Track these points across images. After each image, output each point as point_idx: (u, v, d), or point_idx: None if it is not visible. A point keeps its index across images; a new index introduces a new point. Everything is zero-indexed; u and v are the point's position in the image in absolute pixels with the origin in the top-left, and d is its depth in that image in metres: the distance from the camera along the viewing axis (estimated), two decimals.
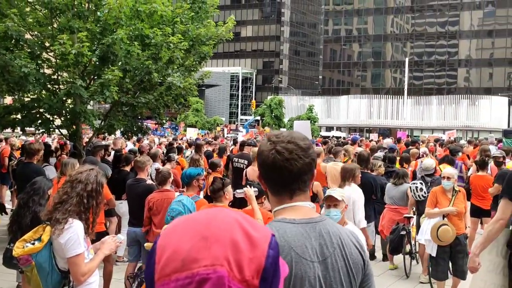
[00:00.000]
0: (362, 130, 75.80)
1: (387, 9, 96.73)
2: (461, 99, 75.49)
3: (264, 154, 2.13)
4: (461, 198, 8.22)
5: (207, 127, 65.33)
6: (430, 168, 10.24)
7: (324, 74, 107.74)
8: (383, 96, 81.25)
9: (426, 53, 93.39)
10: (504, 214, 4.82)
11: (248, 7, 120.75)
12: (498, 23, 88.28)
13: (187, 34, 13.25)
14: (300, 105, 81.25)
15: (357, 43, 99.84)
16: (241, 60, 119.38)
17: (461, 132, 65.74)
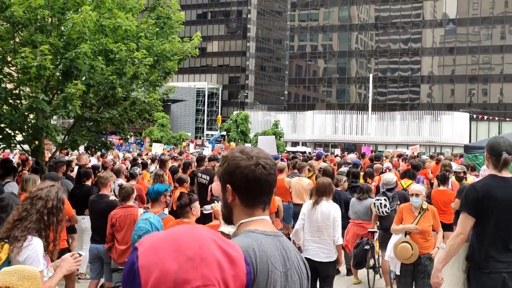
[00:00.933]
0: (327, 145, 76.39)
1: (352, 26, 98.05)
2: (424, 115, 76.69)
3: (248, 168, 2.21)
4: (428, 216, 7.96)
5: (173, 142, 65.00)
6: (391, 183, 10.35)
7: (289, 90, 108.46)
8: (348, 112, 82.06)
9: (390, 69, 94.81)
10: (464, 229, 4.88)
11: (214, 22, 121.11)
12: (459, 41, 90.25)
13: (152, 49, 13.22)
14: (266, 120, 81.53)
15: (322, 59, 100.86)
16: (207, 75, 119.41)
17: (424, 147, 66.75)
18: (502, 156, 4.83)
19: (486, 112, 78.05)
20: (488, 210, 4.78)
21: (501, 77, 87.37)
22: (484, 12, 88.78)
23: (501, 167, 4.88)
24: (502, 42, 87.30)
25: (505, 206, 4.76)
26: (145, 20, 14.05)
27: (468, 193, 4.95)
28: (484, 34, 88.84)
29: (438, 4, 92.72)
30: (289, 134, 77.40)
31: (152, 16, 14.55)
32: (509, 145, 4.90)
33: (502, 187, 4.81)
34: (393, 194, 10.03)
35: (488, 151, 4.97)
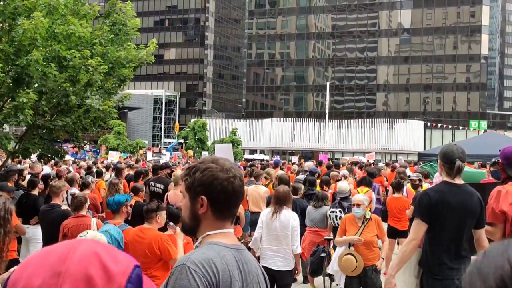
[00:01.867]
0: (285, 153, 76.68)
1: (309, 34, 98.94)
2: (380, 123, 77.77)
3: (227, 181, 2.23)
4: (372, 226, 7.76)
5: (130, 150, 64.30)
6: (345, 191, 10.40)
7: (247, 97, 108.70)
8: (305, 119, 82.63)
9: (347, 78, 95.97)
10: (417, 235, 4.91)
11: (171, 30, 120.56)
12: (414, 50, 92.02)
13: (107, 56, 13.01)
14: (224, 128, 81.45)
15: (280, 67, 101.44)
16: (164, 83, 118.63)
17: (380, 155, 67.64)
18: (456, 164, 4.89)
19: (440, 120, 79.70)
20: (440, 216, 4.83)
21: (454, 86, 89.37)
22: (437, 23, 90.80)
23: (454, 174, 4.94)
24: (455, 52, 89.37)
25: (457, 212, 4.82)
26: (100, 27, 13.83)
27: (421, 199, 5.00)
28: (438, 44, 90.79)
29: (393, 14, 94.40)
30: (247, 142, 77.47)
31: (107, 22, 14.33)
32: (462, 152, 4.96)
33: (454, 193, 4.87)
34: (348, 205, 10.06)
35: (441, 159, 5.02)
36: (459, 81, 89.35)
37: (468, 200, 4.88)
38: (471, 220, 4.89)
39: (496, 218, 5.19)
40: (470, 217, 4.87)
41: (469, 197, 4.90)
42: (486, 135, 19.11)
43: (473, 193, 4.95)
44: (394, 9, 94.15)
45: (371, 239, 7.72)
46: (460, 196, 4.86)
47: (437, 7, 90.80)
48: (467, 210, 4.85)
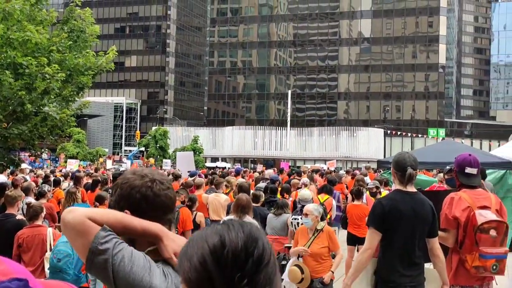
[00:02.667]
0: (246, 161, 76.78)
1: (271, 42, 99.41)
2: (341, 131, 78.50)
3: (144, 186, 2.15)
4: (323, 238, 7.53)
5: (89, 158, 63.45)
6: (308, 199, 10.42)
7: (209, 105, 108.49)
8: (267, 127, 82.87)
9: (308, 86, 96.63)
10: (371, 243, 4.93)
11: (132, 37, 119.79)
12: (374, 59, 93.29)
13: (65, 63, 12.82)
14: (185, 136, 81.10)
15: (242, 75, 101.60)
16: (125, 90, 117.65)
17: (341, 162, 68.20)
18: (407, 171, 4.94)
19: (400, 128, 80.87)
20: (393, 224, 4.86)
21: (413, 94, 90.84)
22: (396, 32, 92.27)
23: (406, 182, 4.99)
24: (414, 61, 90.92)
25: (410, 220, 4.86)
26: (57, 33, 13.65)
27: (374, 208, 5.04)
28: (397, 53, 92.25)
29: (353, 23, 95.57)
30: (209, 150, 77.30)
31: (65, 29, 14.13)
32: (414, 160, 5.02)
33: (407, 201, 4.91)
34: None
35: (394, 167, 5.07)
36: (418, 90, 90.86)
37: (420, 208, 4.93)
38: (424, 228, 4.94)
39: (449, 224, 5.28)
40: (422, 224, 4.92)
41: (421, 205, 4.95)
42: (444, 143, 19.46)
43: (425, 201, 5.01)
44: (354, 18, 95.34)
45: (320, 251, 7.49)
46: (412, 204, 4.91)
47: (396, 17, 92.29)
48: (419, 218, 4.90)
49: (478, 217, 5.18)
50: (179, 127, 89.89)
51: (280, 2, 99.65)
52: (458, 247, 5.34)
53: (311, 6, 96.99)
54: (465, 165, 5.47)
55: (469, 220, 5.21)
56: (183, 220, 9.18)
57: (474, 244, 5.17)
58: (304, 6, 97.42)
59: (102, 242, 1.89)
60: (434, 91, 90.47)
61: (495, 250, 5.12)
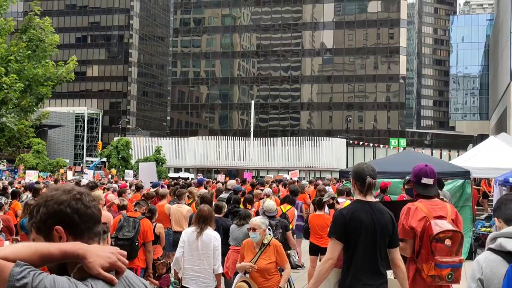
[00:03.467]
0: (210, 171, 76.54)
1: (234, 53, 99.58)
2: (304, 141, 78.89)
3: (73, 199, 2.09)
4: (270, 252, 7.26)
5: (49, 169, 62.43)
6: (273, 210, 10.44)
7: (172, 116, 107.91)
8: (230, 138, 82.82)
9: (271, 96, 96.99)
10: (333, 254, 4.95)
11: (94, 46, 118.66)
12: (336, 70, 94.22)
13: (23, 73, 12.61)
14: (148, 146, 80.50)
15: (205, 85, 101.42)
16: (87, 100, 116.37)
17: (304, 172, 68.54)
18: (367, 181, 4.99)
19: (362, 138, 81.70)
20: (355, 234, 4.89)
21: (374, 104, 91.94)
22: (358, 43, 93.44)
23: (365, 191, 5.05)
24: (375, 72, 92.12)
25: (371, 230, 4.90)
26: (16, 42, 13.41)
27: (336, 219, 5.06)
28: (359, 64, 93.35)
29: (316, 34, 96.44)
30: (172, 160, 76.82)
31: (24, 38, 13.89)
32: (372, 170, 5.08)
33: (367, 211, 4.95)
34: (276, 222, 10.11)
35: (353, 177, 5.12)
36: (379, 100, 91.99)
37: (380, 217, 4.97)
38: (384, 237, 4.98)
39: (406, 234, 5.36)
40: (383, 234, 4.96)
41: (381, 215, 4.99)
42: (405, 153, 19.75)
43: (384, 211, 5.06)
44: (317, 29, 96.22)
45: (267, 267, 7.22)
46: (373, 214, 4.95)
47: (358, 29, 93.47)
48: (380, 227, 4.93)
49: (434, 227, 5.26)
50: (141, 138, 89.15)
51: (243, 13, 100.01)
52: (415, 257, 5.41)
53: (274, 17, 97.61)
54: (421, 176, 5.56)
55: (425, 230, 5.30)
56: (144, 231, 9.11)
57: (430, 254, 5.25)
58: (267, 17, 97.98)
59: (18, 279, 1.82)
60: (395, 101, 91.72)
61: (450, 260, 5.21)
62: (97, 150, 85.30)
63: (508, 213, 3.25)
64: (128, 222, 8.99)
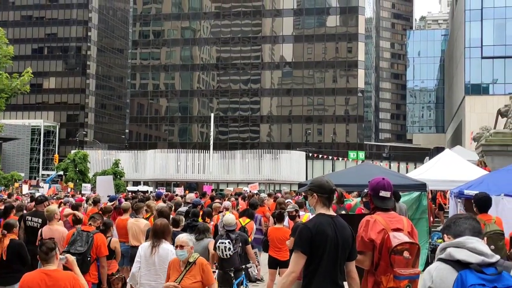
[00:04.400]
0: (169, 184, 75.93)
1: (194, 65, 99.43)
2: (264, 153, 79.04)
3: None
4: (196, 272, 6.90)
5: (3, 183, 61.05)
6: (232, 224, 10.38)
7: (131, 128, 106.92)
8: (190, 150, 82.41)
9: (231, 109, 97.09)
10: (296, 267, 4.93)
11: (51, 58, 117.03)
12: (295, 83, 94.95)
13: None
14: (106, 159, 79.47)
15: (165, 97, 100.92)
16: (43, 113, 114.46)
17: (264, 185, 68.65)
18: (333, 194, 5.05)
19: (321, 151, 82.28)
20: (319, 248, 4.90)
21: (333, 117, 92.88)
22: (317, 57, 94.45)
23: (329, 204, 5.07)
24: (334, 85, 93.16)
25: (334, 243, 4.92)
26: None
27: (301, 232, 5.03)
28: (318, 77, 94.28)
29: (275, 47, 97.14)
30: (131, 173, 76.01)
31: None
32: (332, 183, 5.13)
33: (331, 225, 4.96)
34: (235, 236, 10.06)
35: (317, 190, 5.10)
36: (338, 113, 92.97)
37: (343, 231, 5.01)
38: (345, 251, 5.02)
39: (366, 246, 5.39)
40: (345, 248, 5.00)
41: (343, 229, 5.03)
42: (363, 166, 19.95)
43: (345, 225, 5.09)
44: (276, 43, 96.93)
45: (191, 286, 6.86)
46: (336, 228, 4.98)
47: (317, 42, 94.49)
48: (342, 241, 4.97)
49: (393, 239, 5.30)
50: (99, 151, 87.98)
51: (203, 26, 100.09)
52: (373, 269, 5.43)
53: (234, 30, 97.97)
54: (379, 189, 5.61)
55: (384, 242, 5.33)
56: (97, 245, 8.91)
57: (389, 266, 5.28)
58: (227, 30, 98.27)
59: None
60: (353, 114, 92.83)
61: (408, 271, 5.26)
62: (54, 163, 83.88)
63: (457, 230, 3.38)
64: (81, 236, 8.81)
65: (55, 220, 10.13)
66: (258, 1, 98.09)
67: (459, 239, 3.27)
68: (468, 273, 3.08)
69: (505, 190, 11.63)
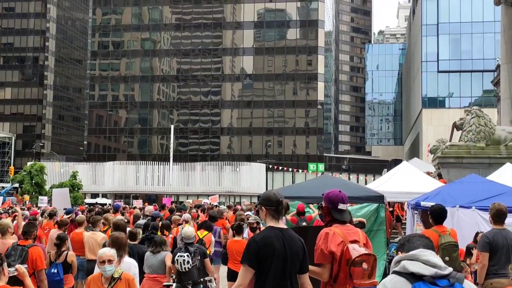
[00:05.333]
0: (128, 197, 75.05)
1: (154, 77, 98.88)
2: (224, 165, 78.89)
3: None
4: (121, 287, 6.59)
5: None
6: (191, 237, 10.31)
7: (89, 140, 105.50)
8: (149, 162, 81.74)
9: (191, 121, 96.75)
10: (243, 280, 4.95)
11: (7, 68, 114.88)
12: (256, 95, 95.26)
13: None
14: (64, 171, 78.13)
15: (124, 109, 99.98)
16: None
17: (224, 197, 68.47)
18: (281, 204, 5.06)
19: (281, 162, 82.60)
20: (267, 261, 4.93)
21: (294, 130, 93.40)
22: (277, 69, 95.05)
23: (278, 216, 5.08)
24: (294, 98, 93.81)
25: (282, 257, 4.94)
26: None
27: (249, 245, 5.07)
28: (278, 90, 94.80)
29: (236, 59, 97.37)
30: (89, 186, 74.89)
31: None
32: (281, 196, 5.17)
33: (280, 238, 4.99)
34: (194, 249, 10.00)
35: (265, 204, 5.14)
36: (298, 126, 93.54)
37: (292, 244, 5.03)
38: (296, 264, 5.04)
39: (325, 258, 5.41)
40: (294, 261, 5.02)
41: (292, 242, 5.05)
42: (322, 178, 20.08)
43: (295, 237, 5.12)
44: (237, 55, 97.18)
45: None
46: (285, 241, 5.00)
47: (277, 55, 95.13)
48: (292, 254, 5.00)
49: (352, 251, 5.35)
50: (57, 162, 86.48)
51: (163, 37, 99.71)
52: (332, 281, 5.45)
53: (194, 42, 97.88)
54: (338, 202, 5.65)
55: (343, 254, 5.36)
56: (33, 259, 8.49)
57: (348, 277, 5.33)
58: (187, 41, 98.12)
59: None
60: (313, 127, 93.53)
61: (366, 282, 5.30)
62: (9, 175, 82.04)
63: (411, 247, 3.45)
64: (16, 251, 8.52)
65: (8, 234, 9.87)
66: (218, 13, 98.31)
67: (413, 251, 3.32)
68: (422, 285, 3.13)
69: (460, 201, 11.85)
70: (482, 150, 21.48)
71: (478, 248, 8.30)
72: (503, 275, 7.67)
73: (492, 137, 21.72)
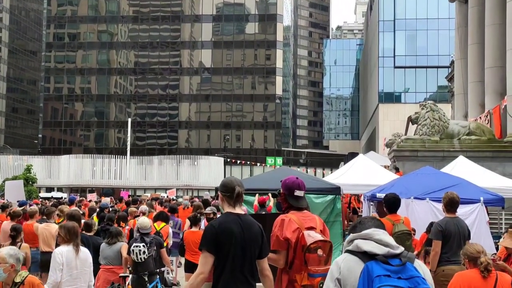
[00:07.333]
0: (84, 190, 73.93)
1: (111, 69, 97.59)
2: (182, 159, 78.50)
3: None
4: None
5: None
6: (147, 227, 10.28)
7: (44, 133, 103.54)
8: (106, 156, 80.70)
9: (149, 114, 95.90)
10: (204, 267, 4.92)
11: None
12: (214, 89, 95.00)
13: None
14: (17, 165, 76.46)
15: (80, 102, 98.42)
16: None
17: (182, 191, 68.15)
18: (236, 190, 5.05)
19: (239, 156, 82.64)
20: (226, 246, 4.92)
21: (252, 124, 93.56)
22: (236, 63, 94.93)
23: (234, 202, 5.07)
24: (253, 92, 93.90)
25: (241, 242, 4.95)
26: None
27: (206, 231, 5.07)
28: (237, 84, 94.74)
29: (195, 53, 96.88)
30: (44, 179, 73.51)
31: None
32: (240, 182, 5.19)
33: (237, 223, 4.99)
34: (150, 240, 9.97)
35: (222, 190, 5.16)
36: (256, 120, 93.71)
37: (250, 229, 5.04)
38: (254, 249, 5.05)
39: (281, 245, 5.43)
40: (253, 246, 5.03)
41: (250, 227, 5.06)
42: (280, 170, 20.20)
43: (253, 223, 5.14)
44: (195, 48, 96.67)
45: None
46: (242, 226, 5.01)
47: (235, 49, 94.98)
48: (250, 239, 5.01)
49: (307, 237, 5.38)
50: (10, 156, 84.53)
51: (121, 30, 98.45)
52: (287, 268, 5.48)
53: (152, 35, 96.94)
54: (294, 188, 5.67)
55: (299, 240, 5.40)
56: None
57: (303, 264, 5.36)
58: (145, 34, 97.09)
59: None
60: (272, 121, 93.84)
61: (321, 269, 5.34)
62: None
63: (363, 227, 3.46)
64: None
65: None
66: (177, 6, 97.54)
67: (366, 231, 3.36)
68: (374, 264, 3.17)
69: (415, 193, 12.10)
70: (436, 144, 21.94)
71: (431, 236, 8.47)
72: (454, 262, 7.84)
73: (446, 131, 22.20)
